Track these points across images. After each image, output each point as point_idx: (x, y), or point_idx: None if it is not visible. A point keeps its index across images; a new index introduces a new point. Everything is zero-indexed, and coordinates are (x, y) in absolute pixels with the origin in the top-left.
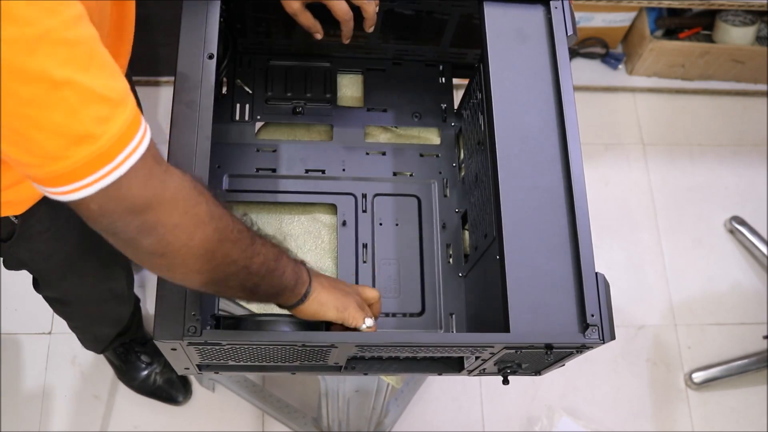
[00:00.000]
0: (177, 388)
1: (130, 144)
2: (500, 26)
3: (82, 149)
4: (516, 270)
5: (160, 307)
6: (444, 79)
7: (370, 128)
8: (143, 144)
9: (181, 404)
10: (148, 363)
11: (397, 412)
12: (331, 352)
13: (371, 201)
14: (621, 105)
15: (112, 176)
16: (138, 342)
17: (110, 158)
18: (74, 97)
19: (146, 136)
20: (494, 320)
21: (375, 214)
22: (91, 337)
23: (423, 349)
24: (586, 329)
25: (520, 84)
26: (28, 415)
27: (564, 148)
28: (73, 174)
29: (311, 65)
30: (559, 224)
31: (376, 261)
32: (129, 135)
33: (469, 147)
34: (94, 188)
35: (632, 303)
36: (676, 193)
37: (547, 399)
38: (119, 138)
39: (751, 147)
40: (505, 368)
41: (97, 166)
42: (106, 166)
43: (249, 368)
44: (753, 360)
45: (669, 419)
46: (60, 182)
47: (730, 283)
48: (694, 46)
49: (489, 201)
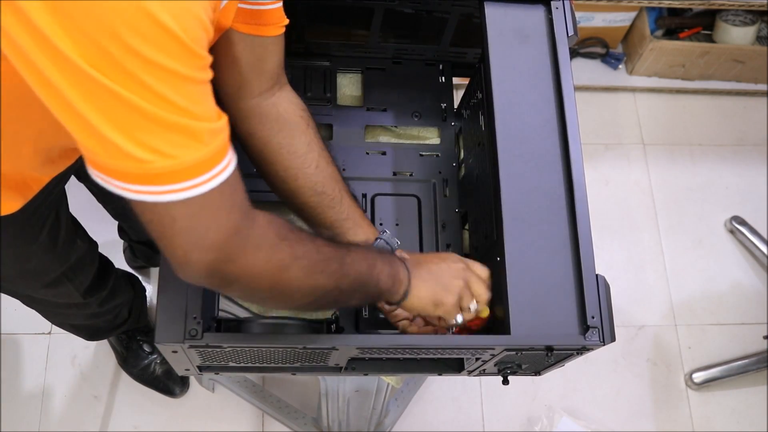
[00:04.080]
0: (175, 380)
1: (212, 170)
2: (501, 26)
3: (159, 159)
4: (516, 272)
5: (162, 310)
6: (444, 79)
7: (370, 128)
8: (225, 172)
9: (177, 397)
10: (149, 352)
11: (397, 412)
12: (332, 354)
13: (371, 201)
14: (621, 105)
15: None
16: (141, 331)
17: (188, 176)
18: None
19: (230, 165)
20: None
21: (375, 214)
22: (70, 329)
23: (423, 351)
24: (586, 331)
25: (521, 84)
26: (28, 415)
27: (565, 149)
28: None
29: (311, 64)
30: (559, 226)
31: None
32: (212, 162)
33: (469, 147)
34: (169, 197)
35: (632, 303)
36: (677, 193)
37: (548, 399)
38: (201, 161)
39: (751, 147)
40: (505, 369)
41: (174, 179)
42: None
43: (249, 369)
44: (753, 360)
45: (669, 419)
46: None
47: (731, 283)
48: (694, 46)
49: (489, 201)
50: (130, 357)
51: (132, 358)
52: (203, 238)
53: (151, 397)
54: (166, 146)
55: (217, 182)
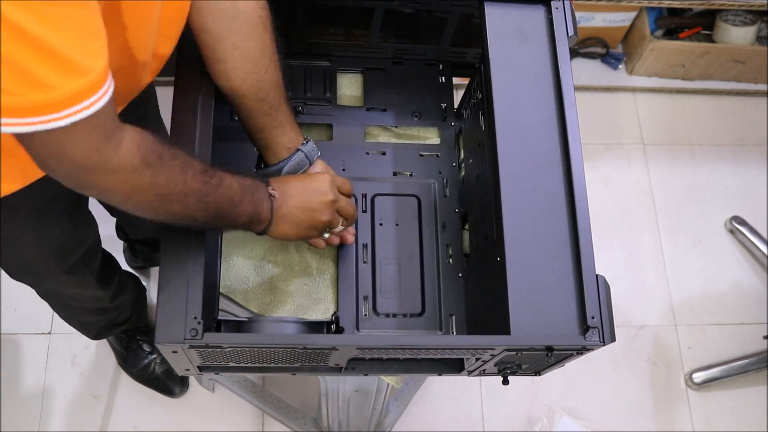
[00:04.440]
0: (174, 380)
1: (79, 105)
2: (501, 26)
3: (34, 92)
4: (517, 272)
5: (162, 310)
6: (444, 79)
7: (370, 128)
8: (91, 108)
9: (176, 397)
10: (149, 352)
11: (397, 412)
12: (332, 354)
13: (371, 201)
14: (621, 105)
15: (51, 124)
16: (141, 330)
17: (57, 109)
18: (42, 52)
19: (99, 102)
20: (494, 322)
21: (375, 214)
22: (77, 325)
23: (423, 351)
24: (586, 331)
25: (521, 84)
26: (28, 415)
27: (565, 149)
28: (18, 110)
29: (311, 65)
30: (559, 226)
31: (376, 261)
32: (80, 97)
33: (470, 147)
34: (30, 128)
35: (632, 303)
36: (676, 193)
37: (548, 399)
38: (70, 96)
39: (751, 147)
40: (505, 369)
41: (44, 111)
42: (51, 115)
43: (250, 369)
44: (753, 360)
45: (669, 419)
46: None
47: (730, 283)
48: (694, 46)
49: (489, 201)
50: (129, 357)
51: (132, 357)
52: (62, 152)
53: (151, 397)
54: (46, 77)
55: (87, 114)
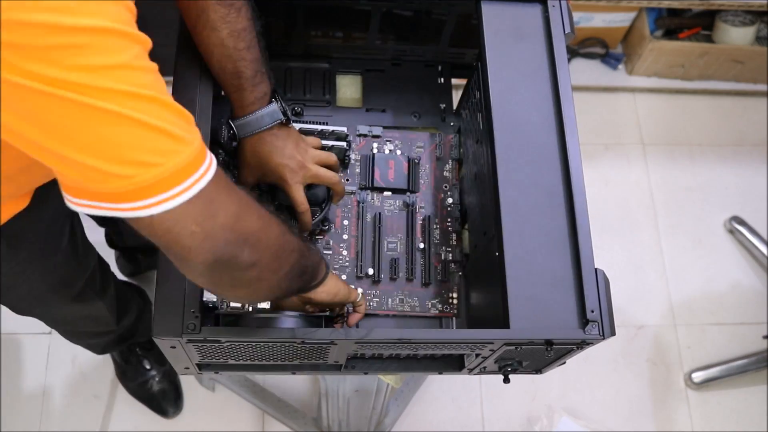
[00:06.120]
0: (169, 400)
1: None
2: (498, 25)
3: (144, 171)
4: (515, 266)
5: (160, 304)
6: (443, 79)
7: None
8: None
9: (170, 418)
10: (147, 369)
11: (397, 412)
12: (331, 350)
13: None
14: (621, 105)
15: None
16: (143, 346)
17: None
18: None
19: (211, 168)
20: (494, 317)
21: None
22: (85, 345)
23: (423, 347)
24: (586, 325)
25: (519, 82)
26: (28, 415)
27: (562, 145)
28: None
29: (310, 66)
30: (558, 220)
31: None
32: (196, 164)
33: (468, 146)
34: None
35: (632, 303)
36: (676, 193)
37: (547, 399)
38: (182, 168)
39: (751, 147)
40: (505, 366)
41: (162, 188)
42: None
43: (249, 368)
44: (753, 360)
45: (669, 419)
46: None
47: (730, 283)
48: (693, 46)
49: (488, 199)
50: (128, 371)
51: (130, 372)
52: (212, 227)
53: None
54: (147, 155)
55: (208, 179)
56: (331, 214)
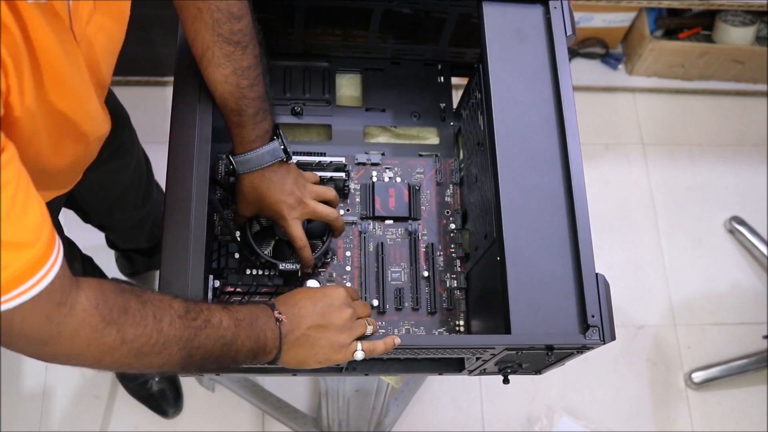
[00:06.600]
0: (168, 401)
1: (25, 284)
2: (499, 26)
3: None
4: (516, 271)
5: None
6: (443, 79)
7: (369, 128)
8: (39, 285)
9: (169, 418)
10: None
11: (397, 412)
12: None
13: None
14: (621, 105)
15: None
16: None
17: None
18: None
19: (47, 277)
20: (495, 321)
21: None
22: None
23: (424, 351)
24: (586, 330)
25: (520, 84)
26: (28, 415)
27: (563, 148)
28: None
29: (310, 65)
30: (559, 225)
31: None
32: (25, 276)
33: (469, 147)
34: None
35: (632, 303)
36: (676, 193)
37: (547, 399)
38: (15, 277)
39: (751, 147)
40: (505, 368)
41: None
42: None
43: (249, 370)
44: (753, 360)
45: (669, 419)
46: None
47: (730, 283)
48: (693, 46)
49: (489, 201)
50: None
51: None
52: (9, 330)
53: None
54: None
55: (37, 290)
56: (333, 245)
